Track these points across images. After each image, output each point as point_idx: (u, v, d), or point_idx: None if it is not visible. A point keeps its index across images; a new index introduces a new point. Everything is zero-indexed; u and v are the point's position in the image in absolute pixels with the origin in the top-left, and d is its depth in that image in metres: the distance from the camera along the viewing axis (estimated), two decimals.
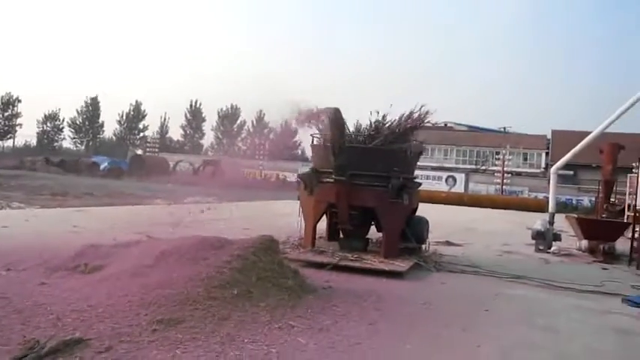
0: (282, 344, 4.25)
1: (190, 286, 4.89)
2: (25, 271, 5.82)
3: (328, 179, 8.27)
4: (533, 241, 12.48)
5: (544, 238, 12.25)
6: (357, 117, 9.23)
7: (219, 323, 4.44)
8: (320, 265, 7.60)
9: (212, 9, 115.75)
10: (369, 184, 8.20)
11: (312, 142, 9.13)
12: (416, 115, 8.92)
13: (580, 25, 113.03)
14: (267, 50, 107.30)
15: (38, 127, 80.00)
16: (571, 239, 13.16)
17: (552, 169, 13.94)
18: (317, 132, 8.84)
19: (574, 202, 44.06)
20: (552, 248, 12.08)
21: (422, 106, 8.98)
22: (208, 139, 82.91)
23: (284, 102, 8.27)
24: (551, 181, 13.83)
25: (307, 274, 6.54)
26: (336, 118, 7.76)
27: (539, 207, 31.09)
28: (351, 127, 8.96)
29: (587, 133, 13.13)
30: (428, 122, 9.15)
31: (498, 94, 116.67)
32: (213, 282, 5.02)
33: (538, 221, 12.94)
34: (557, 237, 12.33)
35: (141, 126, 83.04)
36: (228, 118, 79.00)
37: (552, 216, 12.63)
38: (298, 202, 9.04)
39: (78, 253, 6.20)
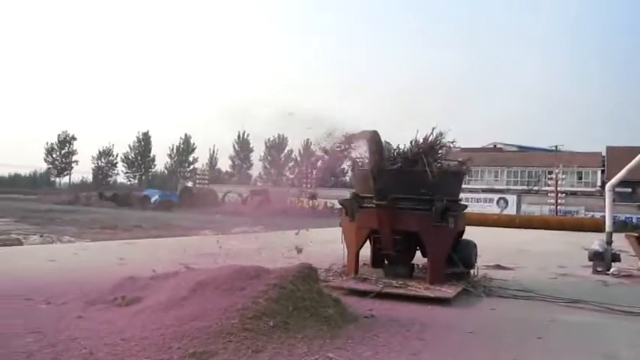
0: None
1: (225, 317, 4.76)
2: (64, 305, 5.84)
3: (369, 204, 8.06)
4: (591, 263, 11.85)
5: (602, 259, 11.60)
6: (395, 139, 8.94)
7: (253, 356, 4.28)
8: (363, 293, 7.35)
9: (257, 43, 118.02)
10: (412, 208, 7.94)
11: (353, 167, 8.96)
12: (430, 139, 8.40)
13: (632, 37, 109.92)
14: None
15: (93, 163, 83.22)
16: (631, 259, 12.46)
17: (607, 186, 13.33)
18: (356, 156, 8.68)
19: (634, 220, 42.11)
20: (611, 269, 11.43)
21: (433, 128, 8.46)
22: (256, 169, 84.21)
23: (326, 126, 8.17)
24: (606, 199, 13.20)
25: (349, 303, 6.32)
26: (374, 140, 7.60)
27: (596, 226, 29.73)
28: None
29: None
30: (449, 142, 8.58)
31: (548, 112, 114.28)
32: (248, 313, 4.87)
33: (595, 241, 12.32)
34: (616, 257, 11.67)
35: (191, 159, 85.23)
36: (275, 147, 79.94)
37: (610, 235, 12.01)
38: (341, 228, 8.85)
39: (116, 285, 6.20)
